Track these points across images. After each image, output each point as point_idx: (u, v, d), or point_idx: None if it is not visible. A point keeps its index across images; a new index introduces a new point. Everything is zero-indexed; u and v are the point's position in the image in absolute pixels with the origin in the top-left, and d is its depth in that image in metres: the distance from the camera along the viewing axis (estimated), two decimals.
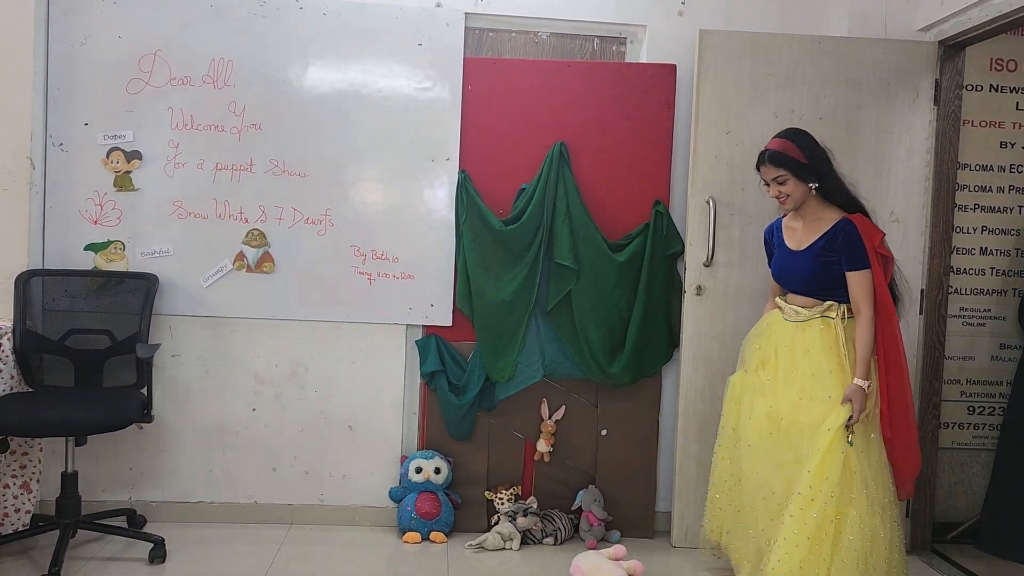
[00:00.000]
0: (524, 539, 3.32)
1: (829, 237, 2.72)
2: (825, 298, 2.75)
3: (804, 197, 2.77)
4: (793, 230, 2.87)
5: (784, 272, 2.88)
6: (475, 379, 3.37)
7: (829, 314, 2.73)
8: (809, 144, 2.77)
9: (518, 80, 3.41)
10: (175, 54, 3.31)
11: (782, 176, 2.75)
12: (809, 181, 2.74)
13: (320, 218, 3.39)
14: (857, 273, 2.68)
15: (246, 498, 3.42)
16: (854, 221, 2.70)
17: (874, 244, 2.69)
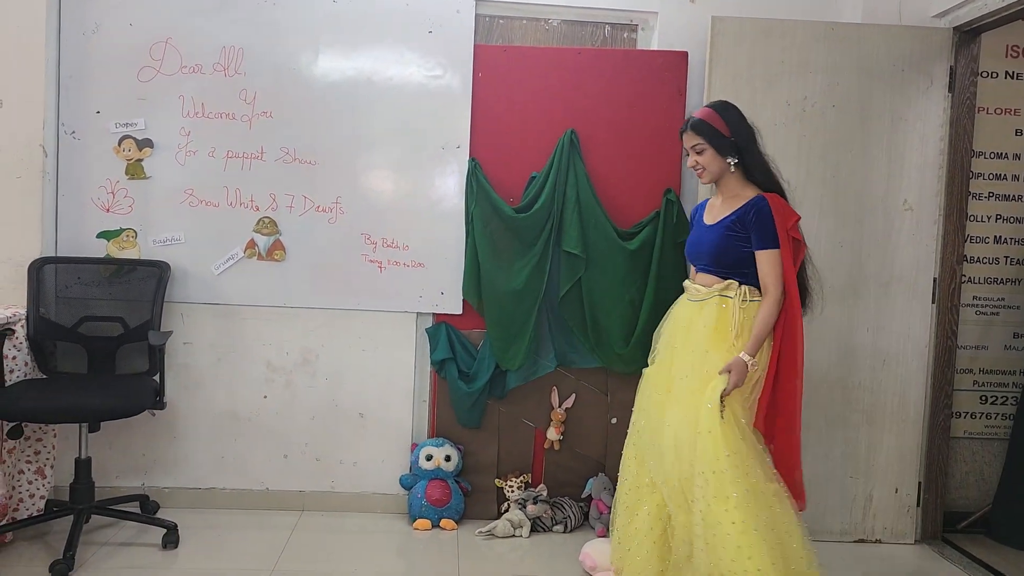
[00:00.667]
0: (534, 526, 3.33)
1: (741, 213, 2.58)
2: (727, 276, 2.60)
3: (721, 172, 2.64)
4: (712, 208, 2.74)
5: (693, 247, 2.76)
6: (485, 367, 3.38)
7: (727, 293, 2.58)
8: (736, 118, 2.64)
9: (529, 67, 3.40)
10: (186, 42, 3.31)
11: (700, 145, 2.62)
12: (728, 155, 2.61)
13: (331, 206, 3.39)
14: (766, 252, 2.54)
15: (258, 485, 3.44)
16: (767, 198, 2.57)
17: (786, 225, 2.55)
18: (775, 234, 2.54)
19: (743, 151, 2.62)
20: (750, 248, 2.57)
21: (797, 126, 3.28)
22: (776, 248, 2.54)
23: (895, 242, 3.33)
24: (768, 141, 3.22)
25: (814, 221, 3.30)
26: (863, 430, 3.36)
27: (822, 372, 3.34)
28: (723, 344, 2.56)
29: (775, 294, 2.53)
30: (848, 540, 3.38)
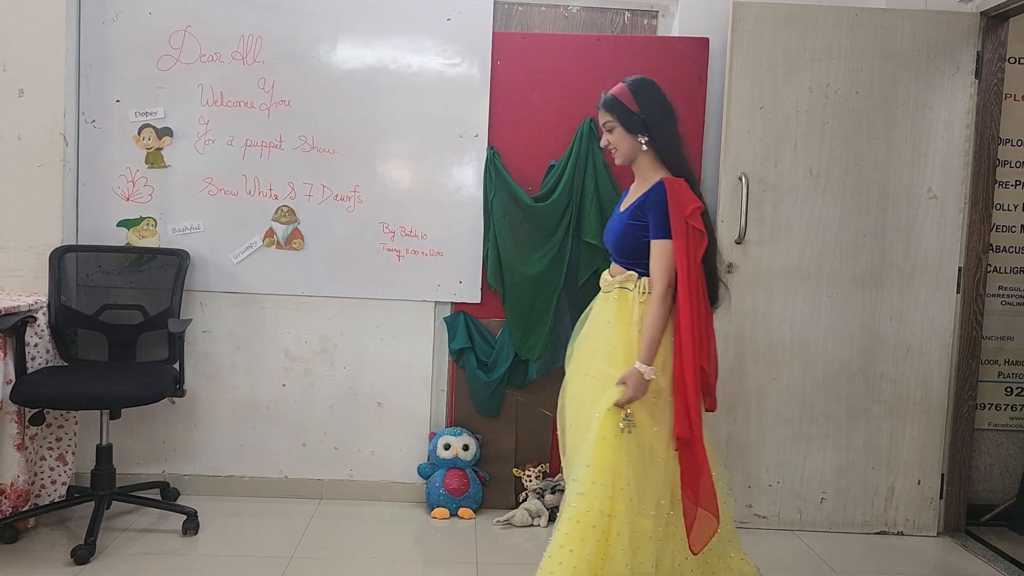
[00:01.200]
0: (552, 516, 3.32)
1: (644, 198, 2.36)
2: (629, 267, 2.41)
3: (632, 152, 2.42)
4: (631, 193, 2.52)
5: (606, 234, 2.57)
6: (504, 356, 3.37)
7: (627, 285, 2.39)
8: (650, 97, 2.42)
9: (548, 55, 3.37)
10: (205, 30, 3.31)
11: (610, 123, 2.43)
12: (638, 134, 2.40)
13: (349, 195, 3.38)
14: (657, 243, 2.30)
15: (276, 473, 3.45)
16: (667, 183, 2.32)
17: (684, 214, 2.29)
18: (668, 223, 2.29)
19: (654, 130, 2.40)
20: (649, 237, 2.35)
21: (820, 113, 3.24)
22: (668, 239, 2.29)
23: (919, 231, 3.28)
24: (791, 128, 3.22)
25: (836, 209, 3.27)
26: (885, 421, 3.33)
27: (844, 362, 3.31)
28: (623, 335, 2.35)
29: (660, 289, 2.28)
30: (870, 532, 3.35)
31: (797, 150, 3.25)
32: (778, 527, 3.36)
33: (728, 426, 3.33)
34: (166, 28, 3.30)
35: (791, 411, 3.33)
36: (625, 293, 2.40)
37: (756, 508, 3.36)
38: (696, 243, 2.31)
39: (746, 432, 3.34)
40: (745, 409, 3.33)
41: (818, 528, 3.35)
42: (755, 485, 3.35)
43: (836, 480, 3.35)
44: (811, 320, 3.30)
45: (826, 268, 3.29)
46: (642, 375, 2.24)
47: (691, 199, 2.32)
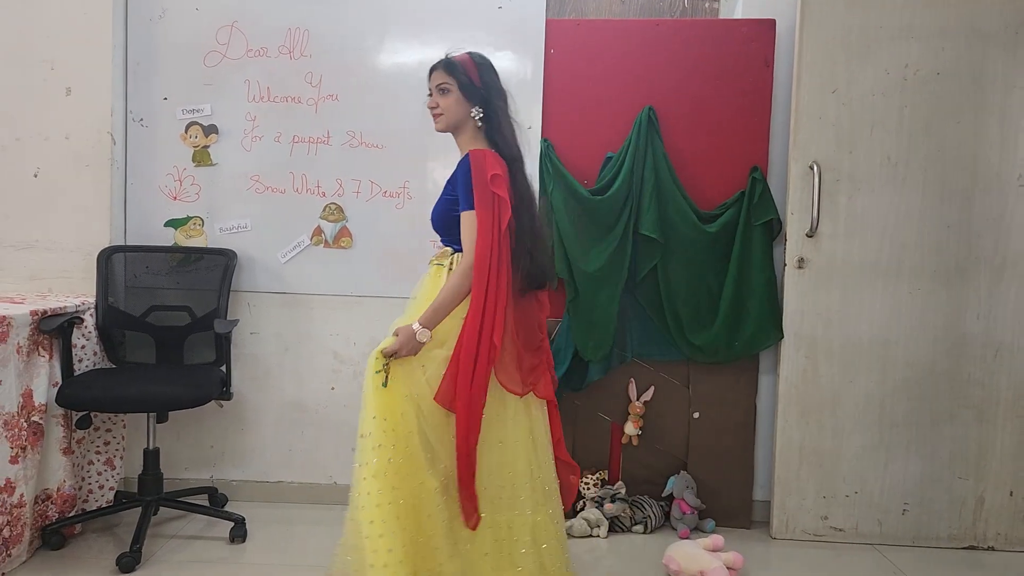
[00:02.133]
0: (612, 526, 3.15)
1: (455, 172, 2.34)
2: (448, 243, 2.40)
3: (461, 120, 2.37)
4: None
5: (432, 214, 2.48)
6: (562, 357, 3.21)
7: (442, 261, 2.38)
8: (491, 76, 2.40)
9: (603, 42, 3.22)
10: (251, 25, 3.24)
11: (447, 85, 2.35)
12: (474, 103, 2.35)
13: (398, 191, 3.27)
14: (464, 214, 2.28)
15: (325, 478, 3.35)
16: (472, 153, 2.28)
17: (485, 179, 2.24)
18: (471, 193, 2.25)
19: (488, 107, 2.36)
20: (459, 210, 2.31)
21: (898, 96, 3.02)
22: (472, 209, 2.25)
23: (1009, 221, 3.04)
24: (866, 113, 3.01)
25: (917, 200, 3.05)
26: (973, 427, 3.08)
27: (927, 364, 3.08)
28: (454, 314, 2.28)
29: (467, 260, 2.25)
30: (957, 546, 3.11)
31: (874, 136, 3.04)
32: (856, 540, 3.13)
33: (801, 433, 3.12)
34: (213, 23, 3.24)
35: (869, 417, 3.10)
36: (439, 270, 2.38)
37: (832, 520, 3.14)
38: (501, 213, 2.25)
39: (820, 439, 3.12)
40: (819, 415, 3.12)
41: (900, 542, 3.12)
42: (831, 496, 3.13)
43: (919, 490, 3.11)
44: (890, 319, 3.08)
45: (907, 262, 3.06)
46: (415, 334, 2.22)
47: (492, 164, 2.27)
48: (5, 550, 2.55)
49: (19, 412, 2.58)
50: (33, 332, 2.68)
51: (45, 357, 2.74)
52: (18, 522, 2.59)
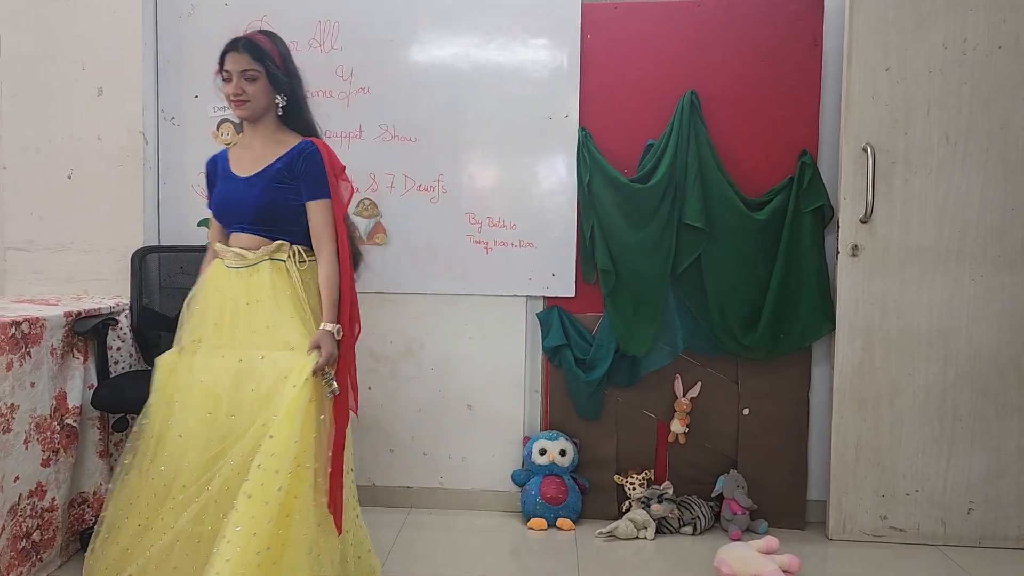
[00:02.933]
0: (659, 528, 3.04)
1: (288, 160, 2.28)
2: (275, 236, 2.29)
3: (266, 109, 2.32)
4: (242, 156, 2.38)
5: (230, 204, 2.35)
6: (604, 353, 3.10)
7: (279, 255, 2.28)
8: (287, 55, 2.37)
9: (642, 25, 3.11)
10: (281, 18, 3.18)
11: (254, 72, 2.27)
12: (279, 91, 2.31)
13: (433, 185, 3.19)
14: (318, 203, 2.28)
15: (364, 480, 3.28)
16: (316, 144, 2.31)
17: (336, 172, 2.32)
18: (327, 183, 2.29)
19: (291, 92, 2.34)
20: (299, 201, 2.29)
21: (956, 72, 2.87)
22: (329, 198, 2.29)
23: None
24: (922, 90, 2.88)
25: (979, 180, 2.89)
26: None
27: (991, 352, 2.92)
28: (290, 306, 2.25)
29: (331, 247, 2.27)
30: None
31: (931, 115, 2.88)
32: (918, 541, 2.98)
33: (857, 428, 2.97)
34: (242, 18, 3.18)
35: (930, 410, 2.95)
36: (279, 264, 2.28)
37: (892, 520, 2.99)
38: (345, 202, 2.37)
39: (877, 434, 2.97)
40: (876, 408, 2.97)
41: (965, 543, 2.96)
42: (889, 494, 2.98)
43: (985, 488, 2.95)
44: (951, 306, 2.92)
45: (968, 247, 2.90)
46: (333, 335, 2.21)
47: (337, 160, 2.36)
48: (36, 554, 2.51)
49: (52, 415, 2.55)
50: (67, 334, 2.64)
51: (80, 359, 2.70)
52: (49, 526, 2.56)
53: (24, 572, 2.47)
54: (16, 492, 2.40)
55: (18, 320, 2.41)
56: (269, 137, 2.35)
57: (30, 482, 2.46)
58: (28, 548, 2.48)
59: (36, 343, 2.48)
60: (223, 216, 2.39)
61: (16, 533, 2.41)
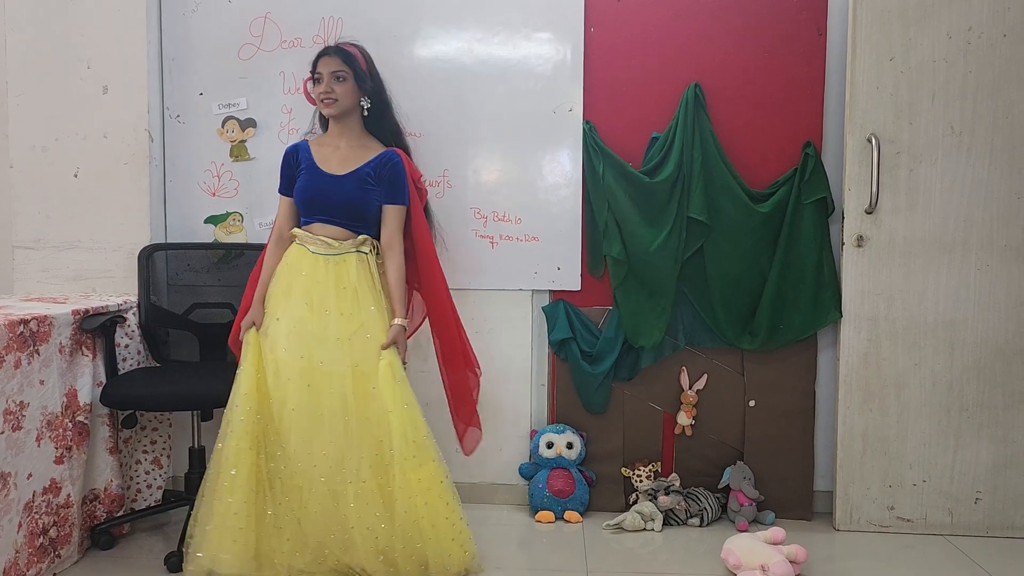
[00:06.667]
0: (667, 519, 3.05)
1: (376, 165, 2.58)
2: (360, 231, 2.59)
3: (351, 108, 2.61)
4: (329, 155, 2.64)
5: (319, 197, 2.59)
6: (610, 346, 3.11)
7: (364, 248, 2.58)
8: (375, 70, 2.69)
9: (645, 18, 3.10)
10: (285, 15, 3.19)
11: (343, 73, 2.57)
12: (364, 93, 2.61)
13: (438, 180, 3.20)
14: (395, 207, 2.61)
15: None
16: (400, 155, 2.63)
17: (415, 179, 2.68)
18: (406, 190, 2.62)
19: (376, 99, 2.64)
20: (380, 203, 2.60)
21: (961, 61, 2.86)
22: (405, 204, 2.63)
23: None
24: (926, 80, 2.88)
25: (984, 170, 2.89)
26: None
27: (999, 342, 2.92)
28: (372, 296, 2.54)
29: (399, 249, 2.61)
30: None
31: (935, 105, 2.88)
32: (925, 531, 2.99)
33: (863, 418, 2.98)
34: (246, 16, 3.20)
35: (937, 400, 2.95)
36: (363, 256, 2.57)
37: (899, 510, 2.99)
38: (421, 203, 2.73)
39: (884, 425, 2.98)
40: (882, 399, 2.97)
41: (973, 532, 2.97)
42: (897, 485, 2.99)
43: (993, 478, 2.95)
44: (958, 296, 2.92)
45: (974, 237, 2.90)
46: (404, 328, 2.57)
47: (416, 169, 2.72)
48: (54, 551, 2.54)
49: (63, 412, 2.57)
50: (75, 332, 2.66)
51: (89, 357, 2.72)
52: (65, 522, 2.58)
53: (43, 568, 2.49)
54: (30, 489, 2.42)
55: (26, 318, 2.42)
56: (355, 140, 2.64)
57: (44, 479, 2.48)
58: (45, 545, 2.50)
59: (44, 341, 2.49)
60: (310, 206, 2.61)
61: (33, 530, 2.44)
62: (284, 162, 2.70)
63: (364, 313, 2.50)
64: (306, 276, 2.52)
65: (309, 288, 2.51)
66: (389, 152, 2.61)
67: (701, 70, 3.08)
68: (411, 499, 2.41)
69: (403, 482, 2.41)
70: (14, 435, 2.35)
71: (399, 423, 2.42)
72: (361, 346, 2.47)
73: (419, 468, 2.43)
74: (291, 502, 2.43)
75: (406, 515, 2.41)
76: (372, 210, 2.60)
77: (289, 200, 2.69)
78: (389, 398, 2.44)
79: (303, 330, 2.48)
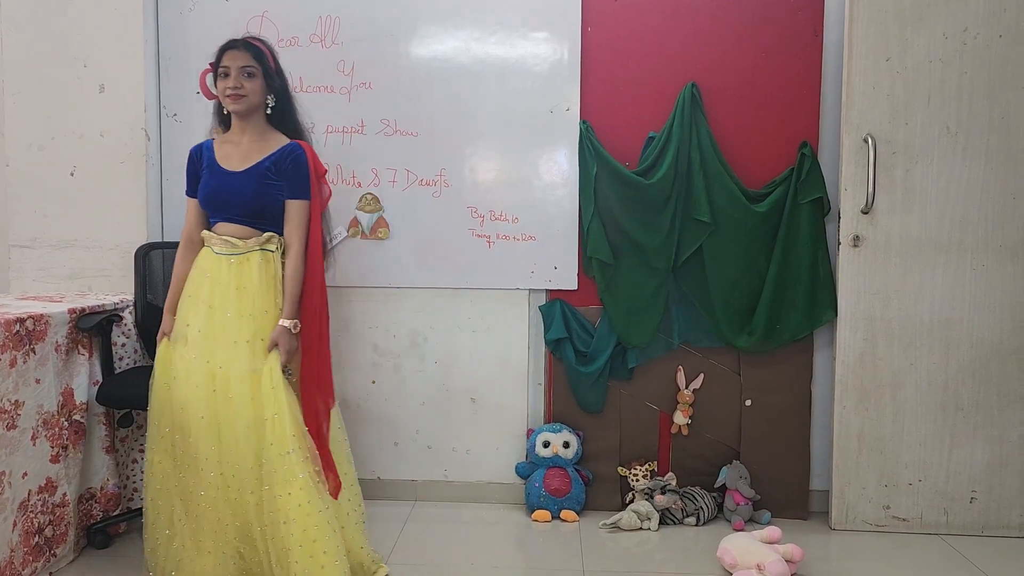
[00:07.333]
0: (663, 519, 3.05)
1: (277, 159, 2.44)
2: (264, 228, 2.44)
3: (258, 107, 2.47)
4: (230, 152, 2.49)
5: (220, 195, 2.45)
6: (604, 346, 3.12)
7: (269, 246, 2.43)
8: (277, 60, 2.54)
9: (642, 17, 3.11)
10: (282, 14, 3.19)
11: (254, 69, 2.44)
12: (271, 91, 2.48)
13: (435, 179, 3.20)
14: (297, 202, 2.45)
15: (369, 473, 3.30)
16: (303, 146, 2.48)
17: (319, 174, 2.51)
18: (308, 184, 2.47)
19: (281, 94, 2.52)
20: (283, 198, 2.45)
21: (957, 62, 2.87)
22: (307, 199, 2.47)
23: None
24: (922, 81, 2.89)
25: (979, 170, 2.90)
26: None
27: (994, 343, 2.93)
28: (271, 297, 2.40)
29: (299, 247, 2.43)
30: None
31: (931, 105, 2.89)
32: (921, 531, 3.00)
33: (859, 418, 2.99)
34: (243, 14, 3.19)
35: (932, 400, 2.96)
36: (268, 255, 2.43)
37: (894, 510, 3.00)
38: (323, 203, 2.56)
39: (880, 425, 2.99)
40: (878, 399, 2.98)
41: (968, 532, 2.98)
42: (892, 484, 3.00)
43: (988, 477, 2.96)
44: (953, 297, 2.93)
45: (969, 237, 2.91)
46: (290, 330, 2.36)
47: (320, 164, 2.54)
48: (49, 550, 2.53)
49: (59, 411, 2.56)
50: (71, 331, 2.66)
51: (85, 356, 2.72)
52: (61, 521, 2.58)
53: (39, 567, 2.49)
54: (25, 488, 2.42)
55: (22, 317, 2.42)
56: (258, 135, 2.50)
57: (39, 478, 2.48)
58: (41, 544, 2.50)
59: (40, 340, 2.49)
60: (212, 205, 2.48)
61: (28, 529, 2.43)
62: (189, 163, 2.57)
63: (262, 314, 2.37)
64: (209, 278, 2.41)
65: (212, 290, 2.39)
66: (292, 145, 2.46)
67: (698, 70, 3.08)
68: (273, 515, 2.27)
69: (267, 496, 2.28)
70: (9, 434, 2.34)
71: (269, 433, 2.28)
72: (261, 350, 2.34)
73: (281, 485, 2.26)
74: (205, 513, 2.34)
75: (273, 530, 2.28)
76: (275, 206, 2.44)
77: (196, 202, 2.54)
78: (265, 406, 2.30)
79: (207, 334, 2.36)
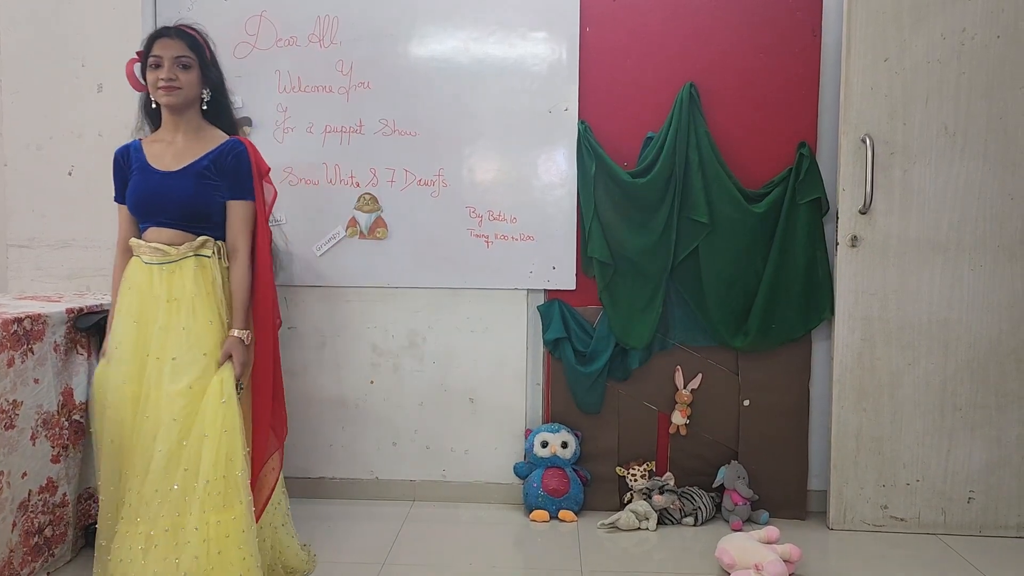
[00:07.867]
0: (661, 519, 3.05)
1: (216, 156, 2.27)
2: (200, 232, 2.26)
3: (193, 100, 2.31)
4: (162, 151, 2.31)
5: (151, 198, 2.27)
6: (603, 346, 3.12)
7: (204, 251, 2.26)
8: (214, 53, 2.39)
9: (640, 16, 3.11)
10: (280, 13, 3.19)
11: (190, 60, 2.27)
12: (207, 85, 2.33)
13: (433, 179, 3.20)
14: (240, 203, 2.29)
15: (367, 474, 3.30)
16: (245, 143, 2.32)
17: (262, 173, 2.35)
18: (252, 184, 2.30)
19: (216, 89, 2.37)
20: (224, 198, 2.29)
21: (955, 62, 2.87)
22: (252, 200, 2.31)
23: None
24: (921, 81, 2.89)
25: (978, 170, 2.90)
26: None
27: (992, 343, 2.93)
28: (213, 307, 2.24)
29: (246, 251, 2.29)
30: None
31: (929, 106, 2.89)
32: (919, 531, 3.00)
33: (857, 418, 2.99)
34: (242, 14, 3.19)
35: (930, 400, 2.96)
36: (204, 260, 2.27)
37: (892, 510, 3.00)
38: (267, 204, 2.38)
39: (878, 425, 2.99)
40: (876, 399, 2.98)
41: (966, 532, 2.98)
42: (891, 484, 3.00)
43: (986, 477, 2.96)
44: (951, 297, 2.93)
45: (967, 237, 2.91)
46: (242, 341, 2.23)
47: (263, 161, 2.38)
48: (48, 550, 2.53)
49: (59, 411, 2.56)
50: (70, 330, 2.65)
51: (84, 355, 2.71)
52: (61, 521, 2.58)
53: (37, 567, 2.49)
54: (25, 488, 2.42)
55: (20, 317, 2.41)
56: (193, 132, 2.33)
57: (39, 478, 2.48)
58: (40, 543, 2.50)
59: (39, 339, 2.49)
60: (142, 210, 2.32)
61: (28, 529, 2.43)
62: (115, 166, 2.40)
63: (200, 326, 2.20)
64: (135, 291, 2.25)
65: (140, 304, 2.23)
66: (232, 141, 2.30)
67: (696, 70, 3.08)
68: (204, 544, 2.09)
69: (200, 522, 2.10)
70: (7, 434, 2.34)
71: (212, 451, 2.12)
72: (198, 364, 2.18)
73: (222, 509, 2.11)
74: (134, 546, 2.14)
75: (194, 563, 2.09)
76: (214, 208, 2.28)
77: (126, 208, 2.38)
78: (209, 420, 2.13)
79: (134, 352, 2.21)
